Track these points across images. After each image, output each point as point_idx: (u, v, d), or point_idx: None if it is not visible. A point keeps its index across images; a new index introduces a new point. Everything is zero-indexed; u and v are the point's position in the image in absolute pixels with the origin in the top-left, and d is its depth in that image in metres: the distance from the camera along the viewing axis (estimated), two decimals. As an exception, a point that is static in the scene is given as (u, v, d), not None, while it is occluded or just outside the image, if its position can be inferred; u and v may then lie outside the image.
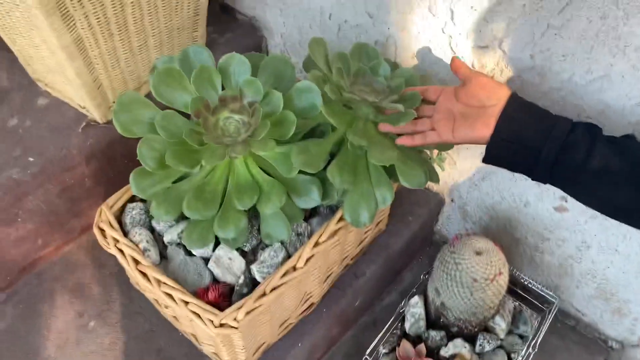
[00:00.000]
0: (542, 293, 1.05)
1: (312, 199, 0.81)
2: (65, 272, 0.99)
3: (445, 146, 0.87)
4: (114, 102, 0.94)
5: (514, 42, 0.81)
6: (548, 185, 0.92)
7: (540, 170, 0.67)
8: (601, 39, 0.73)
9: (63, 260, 1.00)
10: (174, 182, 0.80)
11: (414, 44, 0.94)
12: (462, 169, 1.04)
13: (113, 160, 0.98)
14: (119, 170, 1.00)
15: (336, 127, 0.80)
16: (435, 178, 0.83)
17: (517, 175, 0.95)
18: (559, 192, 0.92)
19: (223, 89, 0.81)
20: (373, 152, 0.75)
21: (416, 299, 1.01)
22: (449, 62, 0.90)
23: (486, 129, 0.68)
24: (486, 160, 0.71)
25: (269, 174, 0.81)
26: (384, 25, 0.95)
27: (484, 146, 0.70)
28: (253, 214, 0.84)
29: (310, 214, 0.89)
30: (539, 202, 0.96)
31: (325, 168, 0.78)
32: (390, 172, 0.80)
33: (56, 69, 0.88)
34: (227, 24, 1.16)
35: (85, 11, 0.78)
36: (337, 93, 0.80)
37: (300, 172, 0.77)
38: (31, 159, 0.89)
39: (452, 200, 1.13)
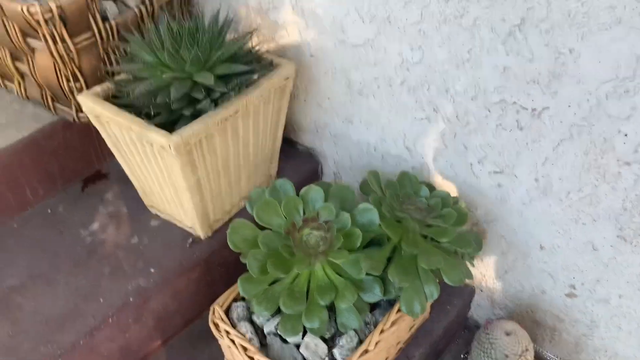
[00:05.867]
0: (564, 367, 1.24)
1: (375, 294, 1.03)
2: (170, 361, 1.21)
3: (474, 249, 1.12)
4: (214, 221, 1.21)
5: (522, 169, 1.07)
6: (559, 276, 1.15)
7: None
8: (586, 167, 0.99)
9: (168, 352, 1.22)
10: (269, 285, 1.04)
11: (444, 171, 1.19)
12: (487, 265, 1.27)
13: (211, 269, 1.22)
14: (213, 276, 1.24)
15: (392, 238, 1.05)
16: (469, 275, 1.07)
17: (534, 268, 1.19)
18: (568, 281, 1.15)
19: (304, 212, 1.08)
20: (423, 259, 0.99)
21: (458, 376, 1.21)
22: (472, 184, 1.17)
23: None
24: None
25: (341, 276, 1.05)
26: (419, 156, 1.22)
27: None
28: (330, 308, 1.07)
29: (373, 307, 1.11)
30: (552, 290, 1.18)
31: (384, 270, 1.02)
32: (435, 271, 1.04)
33: (173, 201, 1.15)
34: (291, 154, 1.43)
35: (205, 160, 1.07)
36: (391, 212, 1.06)
37: (366, 273, 1.02)
38: (152, 270, 1.14)
39: (481, 290, 1.34)
